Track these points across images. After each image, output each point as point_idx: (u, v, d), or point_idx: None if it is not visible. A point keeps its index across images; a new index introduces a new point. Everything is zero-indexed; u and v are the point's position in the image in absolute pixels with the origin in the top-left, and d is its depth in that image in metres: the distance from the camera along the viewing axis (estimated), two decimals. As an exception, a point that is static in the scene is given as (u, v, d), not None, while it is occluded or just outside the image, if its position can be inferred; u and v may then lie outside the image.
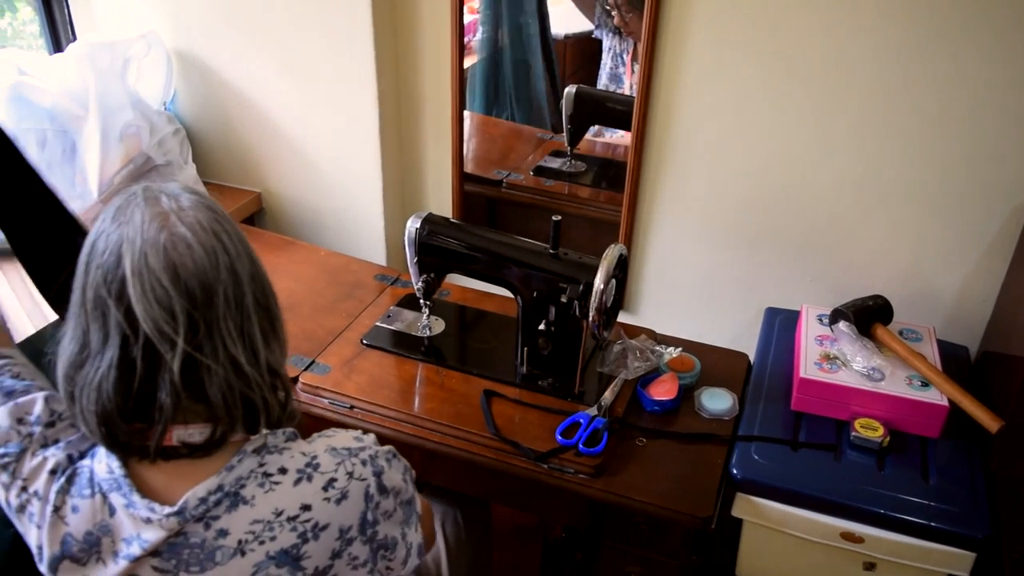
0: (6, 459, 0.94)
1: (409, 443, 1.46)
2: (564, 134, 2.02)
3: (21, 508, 0.93)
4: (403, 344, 1.65)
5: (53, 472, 0.92)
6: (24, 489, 0.93)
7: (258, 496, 0.90)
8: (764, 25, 1.63)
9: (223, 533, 0.89)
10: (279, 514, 0.90)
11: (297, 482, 0.92)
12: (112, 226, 0.85)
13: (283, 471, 0.92)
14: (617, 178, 1.92)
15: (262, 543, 0.90)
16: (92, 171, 1.90)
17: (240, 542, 0.89)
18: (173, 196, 0.89)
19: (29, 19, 2.20)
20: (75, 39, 2.20)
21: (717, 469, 1.40)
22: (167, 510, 0.87)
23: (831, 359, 1.50)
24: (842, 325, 1.54)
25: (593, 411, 1.46)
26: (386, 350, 1.63)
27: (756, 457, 1.40)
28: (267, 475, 0.91)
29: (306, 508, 0.92)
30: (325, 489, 0.93)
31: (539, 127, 2.12)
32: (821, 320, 1.62)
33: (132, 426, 0.87)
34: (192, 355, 0.84)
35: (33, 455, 0.93)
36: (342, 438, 0.99)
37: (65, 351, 0.88)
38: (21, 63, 1.90)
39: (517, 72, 2.05)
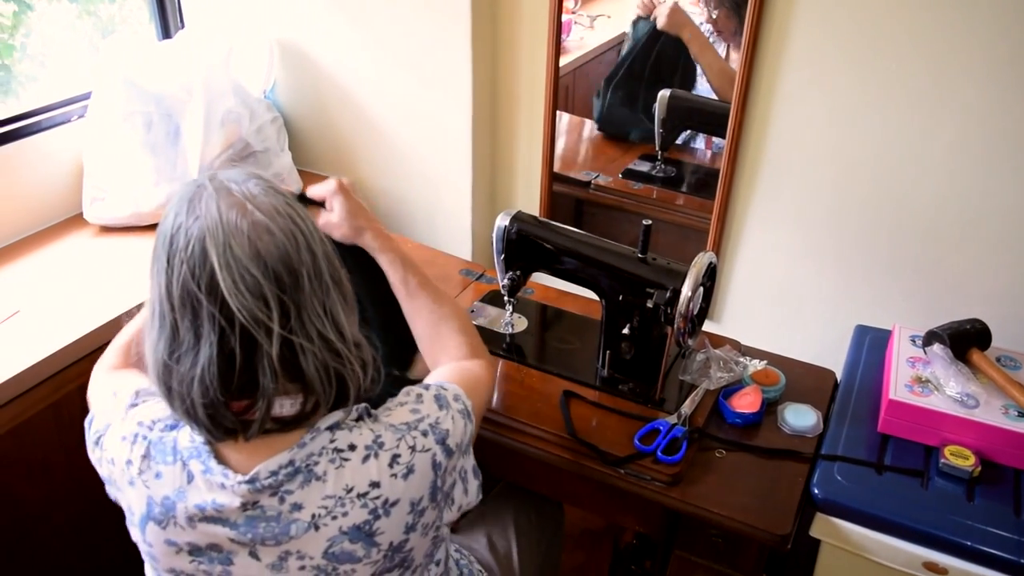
0: (99, 434, 1.01)
1: (485, 439, 1.46)
2: (655, 138, 2.00)
3: (110, 476, 1.00)
4: (485, 339, 1.64)
5: (123, 438, 0.97)
6: (111, 461, 0.99)
7: (330, 472, 0.92)
8: (867, 35, 1.59)
9: (297, 507, 0.92)
10: (349, 491, 0.93)
11: (365, 459, 0.94)
12: (189, 219, 0.87)
13: (352, 448, 0.94)
14: (707, 185, 1.90)
15: (335, 518, 0.92)
16: (193, 154, 1.96)
17: (314, 516, 0.92)
18: (241, 183, 0.91)
19: (137, 6, 2.28)
20: (183, 26, 2.28)
21: (798, 487, 1.37)
22: (240, 478, 0.91)
23: (923, 382, 1.46)
24: (936, 348, 1.49)
25: (673, 419, 1.45)
26: (468, 345, 1.64)
27: (839, 478, 1.37)
28: (338, 451, 0.93)
29: (375, 485, 0.93)
30: (391, 465, 0.94)
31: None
32: (914, 341, 1.57)
33: (237, 406, 0.89)
34: (288, 338, 0.87)
35: (112, 428, 1.00)
36: (399, 414, 1.00)
37: (154, 350, 0.90)
38: (133, 49, 1.97)
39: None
